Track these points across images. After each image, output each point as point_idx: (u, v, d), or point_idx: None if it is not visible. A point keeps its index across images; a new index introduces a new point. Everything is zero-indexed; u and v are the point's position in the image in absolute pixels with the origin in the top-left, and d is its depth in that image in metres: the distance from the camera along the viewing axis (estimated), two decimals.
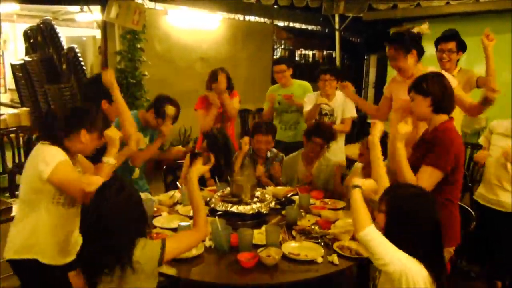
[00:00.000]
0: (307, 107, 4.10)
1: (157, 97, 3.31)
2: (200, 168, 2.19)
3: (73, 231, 2.27)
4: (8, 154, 5.34)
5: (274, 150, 3.79)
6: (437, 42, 3.60)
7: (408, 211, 1.83)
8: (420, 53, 2.88)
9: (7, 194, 5.28)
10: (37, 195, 2.15)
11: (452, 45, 3.51)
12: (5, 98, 9.22)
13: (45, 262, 2.17)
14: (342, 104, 4.08)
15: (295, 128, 4.44)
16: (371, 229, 1.82)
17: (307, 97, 4.20)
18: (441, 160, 2.23)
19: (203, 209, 2.04)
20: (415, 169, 2.31)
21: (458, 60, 3.62)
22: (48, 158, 2.10)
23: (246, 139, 3.57)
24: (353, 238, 2.43)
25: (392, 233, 1.82)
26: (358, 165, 3.37)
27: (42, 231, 2.18)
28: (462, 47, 3.56)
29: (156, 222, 2.65)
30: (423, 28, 2.86)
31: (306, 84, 4.56)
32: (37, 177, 2.10)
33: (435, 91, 2.28)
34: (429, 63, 3.24)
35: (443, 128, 2.32)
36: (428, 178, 2.24)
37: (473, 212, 2.69)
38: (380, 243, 1.79)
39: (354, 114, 4.13)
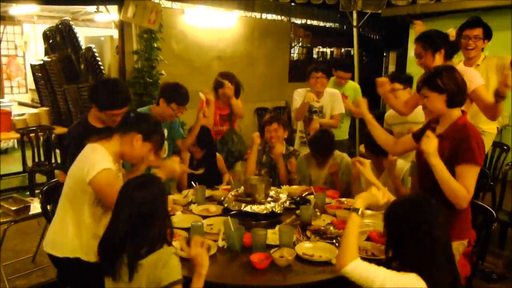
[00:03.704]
0: (296, 104, 4.12)
1: (164, 86, 3.30)
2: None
3: None
4: (28, 153, 5.42)
5: (290, 147, 3.79)
6: (461, 29, 3.41)
7: (396, 220, 1.77)
8: (449, 53, 2.82)
9: (27, 193, 5.37)
10: (82, 195, 2.20)
11: (478, 31, 3.33)
12: (27, 98, 9.41)
13: (88, 260, 2.21)
14: (331, 101, 4.13)
15: (338, 127, 4.40)
16: (354, 265, 1.75)
17: (296, 93, 4.21)
18: (476, 155, 2.16)
19: None
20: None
21: (483, 49, 3.45)
22: (96, 162, 2.14)
23: (256, 133, 3.61)
24: (369, 239, 2.39)
25: (389, 244, 1.79)
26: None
27: (85, 231, 2.22)
28: (488, 34, 3.37)
29: None
30: (450, 33, 2.81)
31: (357, 86, 4.56)
32: (83, 178, 2.15)
33: (450, 86, 2.20)
34: None
35: (462, 123, 2.26)
36: (471, 177, 2.16)
37: (494, 213, 2.61)
38: (367, 273, 1.72)
39: (342, 110, 4.20)
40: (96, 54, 6.10)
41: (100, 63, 6.15)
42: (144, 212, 1.75)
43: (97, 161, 2.15)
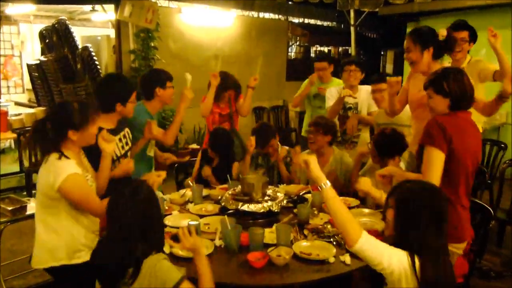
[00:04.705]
0: (329, 102, 4.04)
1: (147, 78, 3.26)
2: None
3: (91, 228, 2.33)
4: (25, 153, 5.40)
5: (286, 147, 3.77)
6: (450, 31, 3.45)
7: (415, 204, 1.78)
8: (437, 53, 2.82)
9: (24, 193, 5.35)
10: (55, 203, 2.18)
11: (465, 34, 3.36)
12: (23, 98, 9.38)
13: (74, 262, 2.22)
14: (367, 98, 4.02)
15: None
16: (364, 239, 1.76)
17: (329, 91, 4.13)
18: (436, 138, 2.16)
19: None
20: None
21: (468, 51, 3.47)
22: (59, 169, 2.12)
23: (252, 139, 3.55)
24: None
25: (400, 227, 1.80)
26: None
27: (64, 236, 2.22)
28: (474, 37, 3.41)
29: (167, 220, 2.63)
30: (441, 32, 2.82)
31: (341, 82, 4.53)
32: (50, 187, 2.13)
33: (455, 91, 2.19)
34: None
35: None
36: (428, 158, 2.18)
37: (491, 210, 2.60)
38: (376, 249, 1.74)
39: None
40: (93, 54, 6.08)
41: (97, 62, 6.14)
42: (140, 217, 1.75)
43: (61, 167, 2.13)
